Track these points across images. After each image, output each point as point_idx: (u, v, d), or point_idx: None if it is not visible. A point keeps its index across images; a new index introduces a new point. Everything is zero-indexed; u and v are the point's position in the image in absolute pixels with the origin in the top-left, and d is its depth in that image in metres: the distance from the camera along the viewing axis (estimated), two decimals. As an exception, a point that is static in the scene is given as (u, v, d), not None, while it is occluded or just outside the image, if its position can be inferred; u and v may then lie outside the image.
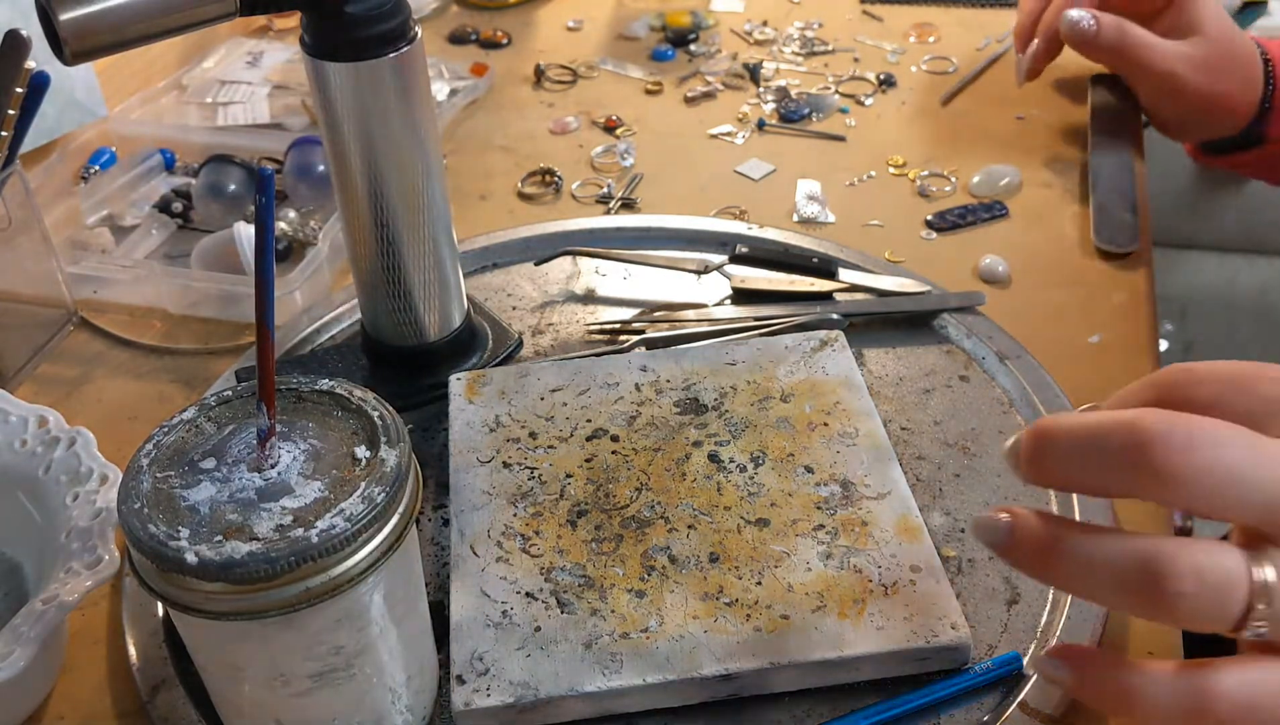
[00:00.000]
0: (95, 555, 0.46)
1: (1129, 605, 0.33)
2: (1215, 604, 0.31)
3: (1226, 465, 0.31)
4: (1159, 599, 0.32)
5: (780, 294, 0.67)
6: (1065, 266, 0.70)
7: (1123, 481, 0.32)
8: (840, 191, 0.79)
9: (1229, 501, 0.31)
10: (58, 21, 0.43)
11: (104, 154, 0.84)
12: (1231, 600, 0.31)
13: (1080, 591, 0.34)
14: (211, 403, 0.42)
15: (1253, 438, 0.32)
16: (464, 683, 0.44)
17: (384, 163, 0.54)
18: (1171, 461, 0.31)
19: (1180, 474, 0.31)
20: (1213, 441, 0.31)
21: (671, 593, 0.47)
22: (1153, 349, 0.64)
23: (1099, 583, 0.33)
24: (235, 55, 1.00)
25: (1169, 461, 0.31)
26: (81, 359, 0.69)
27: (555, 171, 0.83)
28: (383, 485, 0.38)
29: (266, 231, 0.38)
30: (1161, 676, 0.33)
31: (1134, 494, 0.33)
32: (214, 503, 0.38)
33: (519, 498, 0.52)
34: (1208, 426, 0.32)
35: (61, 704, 0.49)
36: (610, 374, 0.58)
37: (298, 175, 0.79)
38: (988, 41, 0.97)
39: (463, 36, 1.05)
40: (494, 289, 0.71)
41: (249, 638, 0.38)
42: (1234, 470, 0.31)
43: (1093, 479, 0.33)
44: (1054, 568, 0.34)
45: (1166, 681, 0.33)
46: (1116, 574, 0.32)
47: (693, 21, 1.02)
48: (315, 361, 0.65)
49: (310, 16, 0.51)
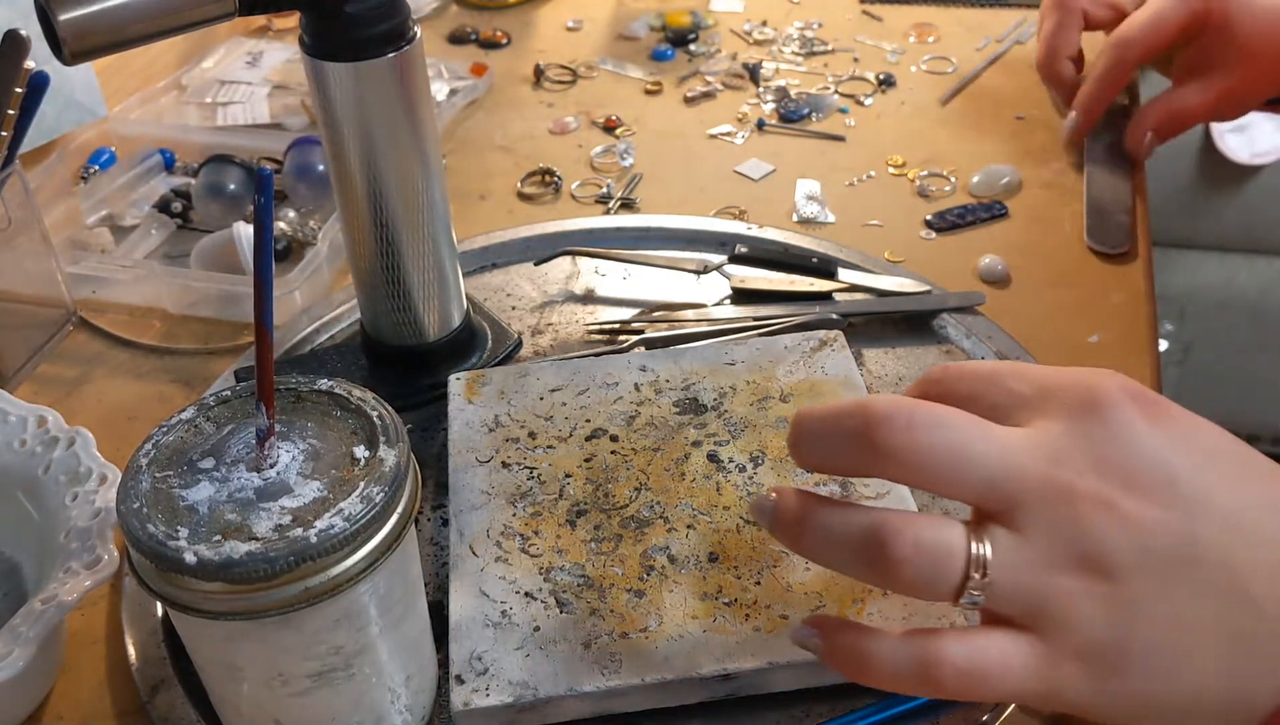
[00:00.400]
0: (94, 555, 0.46)
1: (861, 572, 0.36)
2: (933, 572, 0.34)
3: (945, 445, 0.34)
4: (883, 565, 0.35)
5: (780, 294, 0.67)
6: (1065, 266, 0.70)
7: (857, 459, 0.36)
8: (840, 191, 0.79)
9: (947, 478, 0.34)
10: (57, 21, 0.43)
11: (103, 154, 0.84)
12: (948, 570, 0.34)
13: (824, 560, 0.37)
14: (210, 402, 0.42)
15: (979, 423, 0.35)
16: (463, 682, 0.44)
17: (383, 163, 0.54)
18: (893, 440, 0.34)
19: (900, 451, 0.34)
20: (932, 422, 0.34)
21: (670, 592, 0.47)
22: (1152, 349, 0.64)
23: (837, 551, 0.36)
24: (235, 55, 1.00)
25: (890, 440, 0.35)
26: (81, 359, 0.69)
27: (555, 171, 0.83)
28: (382, 485, 0.38)
29: (265, 231, 0.38)
30: (894, 641, 0.35)
31: (868, 471, 0.36)
32: (213, 502, 0.38)
33: (518, 498, 0.52)
34: (930, 409, 0.35)
35: (61, 704, 0.49)
36: (609, 374, 0.58)
37: (297, 175, 0.79)
38: (987, 41, 0.97)
39: (462, 36, 1.05)
40: (493, 289, 0.71)
41: (248, 637, 0.38)
42: (952, 449, 0.34)
43: (835, 459, 0.37)
44: (803, 539, 0.37)
45: (898, 646, 0.35)
46: (850, 543, 0.35)
47: (692, 21, 1.02)
48: (314, 361, 0.65)
49: (309, 16, 0.51)
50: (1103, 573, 0.34)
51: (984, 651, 0.35)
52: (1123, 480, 0.34)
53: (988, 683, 0.34)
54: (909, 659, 0.35)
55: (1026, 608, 0.34)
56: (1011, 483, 0.34)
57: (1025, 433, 0.35)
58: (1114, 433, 0.34)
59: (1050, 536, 0.34)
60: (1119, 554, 0.33)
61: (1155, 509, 0.34)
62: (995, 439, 0.35)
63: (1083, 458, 0.34)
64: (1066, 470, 0.34)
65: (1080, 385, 0.36)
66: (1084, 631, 0.34)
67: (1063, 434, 0.35)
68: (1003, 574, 0.34)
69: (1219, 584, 0.33)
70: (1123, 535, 0.33)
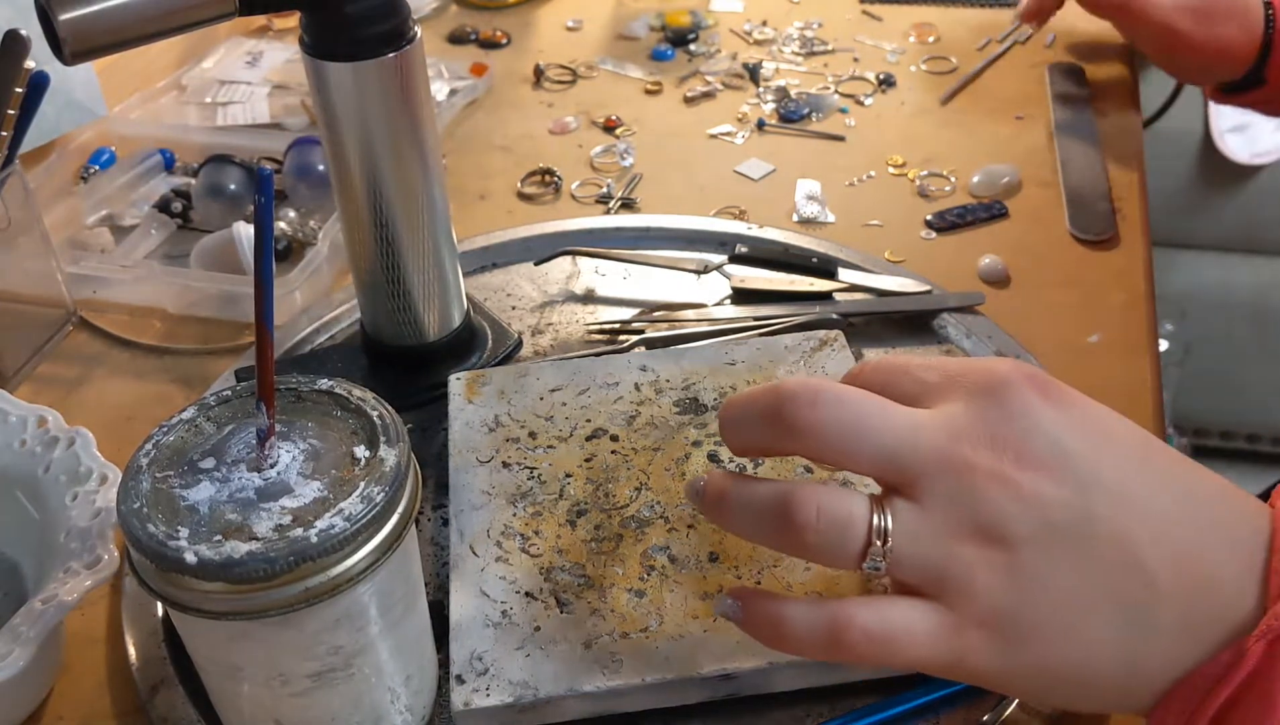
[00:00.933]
0: (94, 555, 0.46)
1: (772, 540, 0.38)
2: (836, 539, 0.36)
3: (848, 420, 0.37)
4: (788, 532, 0.37)
5: (780, 294, 0.67)
6: (1064, 266, 0.70)
7: (771, 436, 0.38)
8: (840, 191, 0.79)
9: (849, 452, 0.37)
10: (57, 21, 0.43)
11: (103, 154, 0.84)
12: (850, 537, 0.36)
13: (742, 531, 0.40)
14: (211, 402, 0.42)
15: (881, 402, 0.37)
16: (463, 682, 0.44)
17: (383, 162, 0.54)
18: (800, 415, 0.37)
19: (803, 426, 0.37)
20: (835, 401, 0.37)
21: (671, 592, 0.47)
22: (1152, 348, 0.64)
23: (751, 521, 0.38)
24: (235, 55, 1.00)
25: (797, 415, 0.37)
26: (81, 359, 0.69)
27: (555, 171, 0.83)
28: (382, 485, 0.38)
29: (265, 231, 0.38)
30: (805, 608, 0.37)
31: (782, 447, 0.38)
32: (213, 502, 0.38)
33: (518, 497, 0.52)
34: (834, 388, 0.37)
35: (61, 704, 0.49)
36: (610, 374, 0.58)
37: (297, 175, 0.79)
38: (987, 41, 0.97)
39: (462, 36, 1.05)
40: (493, 289, 0.71)
41: (248, 637, 0.38)
42: (855, 424, 0.37)
43: (755, 438, 0.39)
44: (725, 513, 0.39)
45: (809, 612, 0.37)
46: (762, 512, 0.38)
47: (692, 21, 1.02)
48: (315, 361, 0.65)
49: (310, 16, 0.51)
50: (999, 542, 0.35)
51: (891, 618, 0.36)
52: (1016, 455, 0.36)
53: (894, 647, 0.36)
54: (820, 623, 0.37)
55: (928, 575, 0.36)
56: (909, 456, 0.36)
57: (927, 412, 0.37)
58: (1010, 412, 0.36)
59: (948, 507, 0.36)
60: (1014, 524, 0.35)
61: (1049, 483, 0.35)
62: (895, 416, 0.37)
63: (979, 434, 0.36)
64: (963, 445, 0.36)
65: (982, 371, 0.38)
66: (984, 599, 0.35)
67: (962, 413, 0.37)
68: (903, 542, 0.36)
69: (1112, 557, 0.35)
70: (1018, 507, 0.35)
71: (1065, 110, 0.85)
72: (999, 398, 0.37)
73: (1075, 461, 0.35)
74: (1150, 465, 0.36)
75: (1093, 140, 0.81)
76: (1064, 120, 0.84)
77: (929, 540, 0.36)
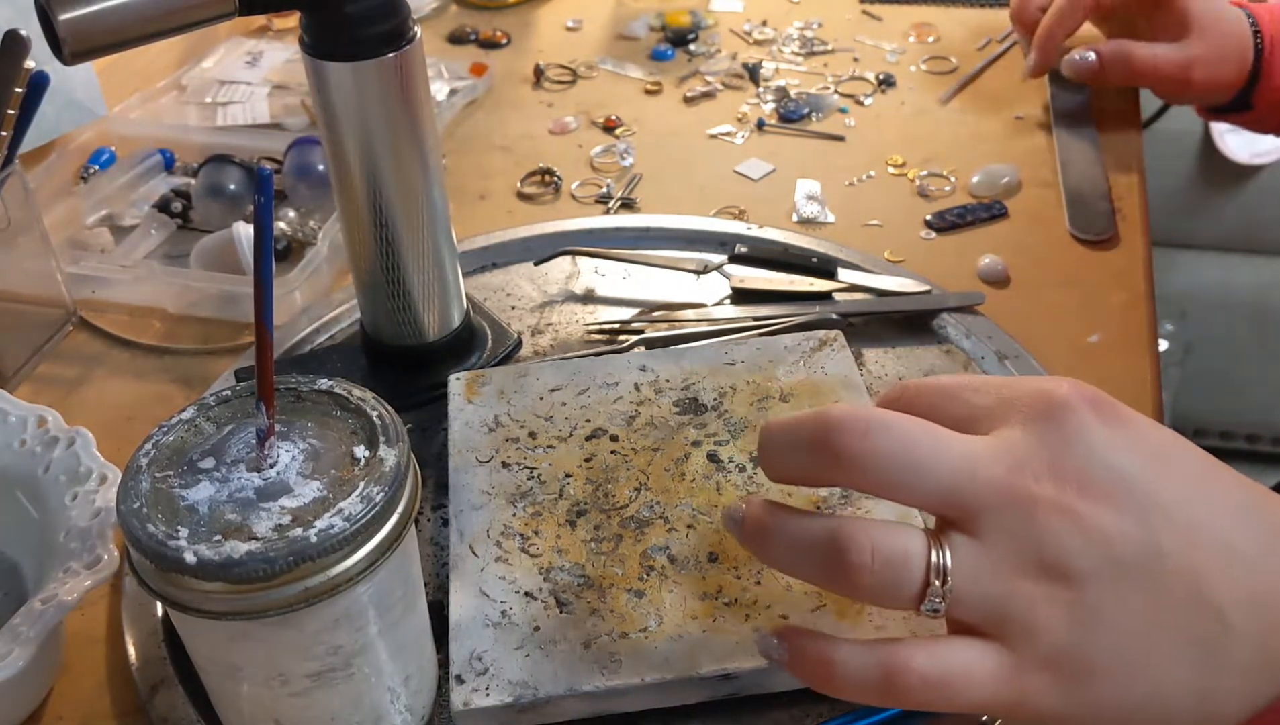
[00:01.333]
0: (94, 555, 0.46)
1: (823, 581, 0.36)
2: (892, 578, 0.34)
3: (901, 451, 0.34)
4: (842, 573, 0.35)
5: (779, 294, 0.67)
6: (1064, 266, 0.70)
7: (818, 467, 0.36)
8: (840, 191, 0.79)
9: (905, 484, 0.34)
10: (57, 21, 0.43)
11: (103, 154, 0.84)
12: (908, 577, 0.34)
13: (789, 569, 0.38)
14: (210, 402, 0.42)
15: (936, 431, 0.35)
16: (463, 682, 0.44)
17: (383, 163, 0.54)
18: (850, 446, 0.35)
19: (858, 458, 0.35)
20: (885, 429, 0.35)
21: (670, 592, 0.47)
22: (1152, 348, 0.64)
23: (798, 558, 0.36)
24: (235, 55, 1.00)
25: (848, 446, 0.35)
26: (81, 359, 0.69)
27: (554, 171, 0.83)
28: (381, 485, 0.38)
29: (265, 231, 0.38)
30: (858, 650, 0.35)
31: (830, 479, 0.36)
32: (213, 502, 0.38)
33: (518, 497, 0.52)
34: (885, 417, 0.35)
35: (60, 704, 0.49)
36: (609, 374, 0.58)
37: (297, 175, 0.79)
38: (987, 41, 0.97)
39: (462, 36, 1.05)
40: (493, 289, 0.71)
41: (248, 637, 0.38)
42: (909, 455, 0.34)
43: (799, 468, 0.37)
44: (768, 547, 0.37)
45: (861, 655, 0.35)
46: (810, 550, 0.35)
47: (692, 21, 1.02)
48: (314, 361, 0.65)
49: (310, 16, 0.51)
50: (1064, 578, 0.33)
51: (949, 660, 0.34)
52: (1079, 485, 0.34)
53: (953, 692, 0.34)
54: (874, 668, 0.35)
55: (989, 614, 0.34)
56: (969, 489, 0.34)
57: (983, 440, 0.36)
58: (1070, 437, 0.35)
59: (1009, 543, 0.34)
60: (1079, 559, 0.33)
61: (1112, 514, 0.34)
62: (952, 446, 0.35)
63: (1040, 463, 0.34)
64: (1024, 476, 0.34)
65: (1037, 392, 0.36)
66: (1048, 638, 0.34)
67: (1020, 440, 0.35)
68: (963, 580, 0.34)
69: (1181, 592, 0.33)
70: (1083, 541, 0.33)
71: (1065, 110, 0.85)
72: (1058, 422, 0.35)
73: (1137, 489, 0.34)
74: (1215, 488, 0.35)
75: (1092, 140, 0.81)
76: (1064, 120, 0.84)
77: (990, 578, 0.34)
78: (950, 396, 0.38)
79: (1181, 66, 0.78)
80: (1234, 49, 0.78)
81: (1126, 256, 0.70)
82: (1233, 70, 0.78)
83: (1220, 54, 0.78)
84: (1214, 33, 0.77)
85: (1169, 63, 0.78)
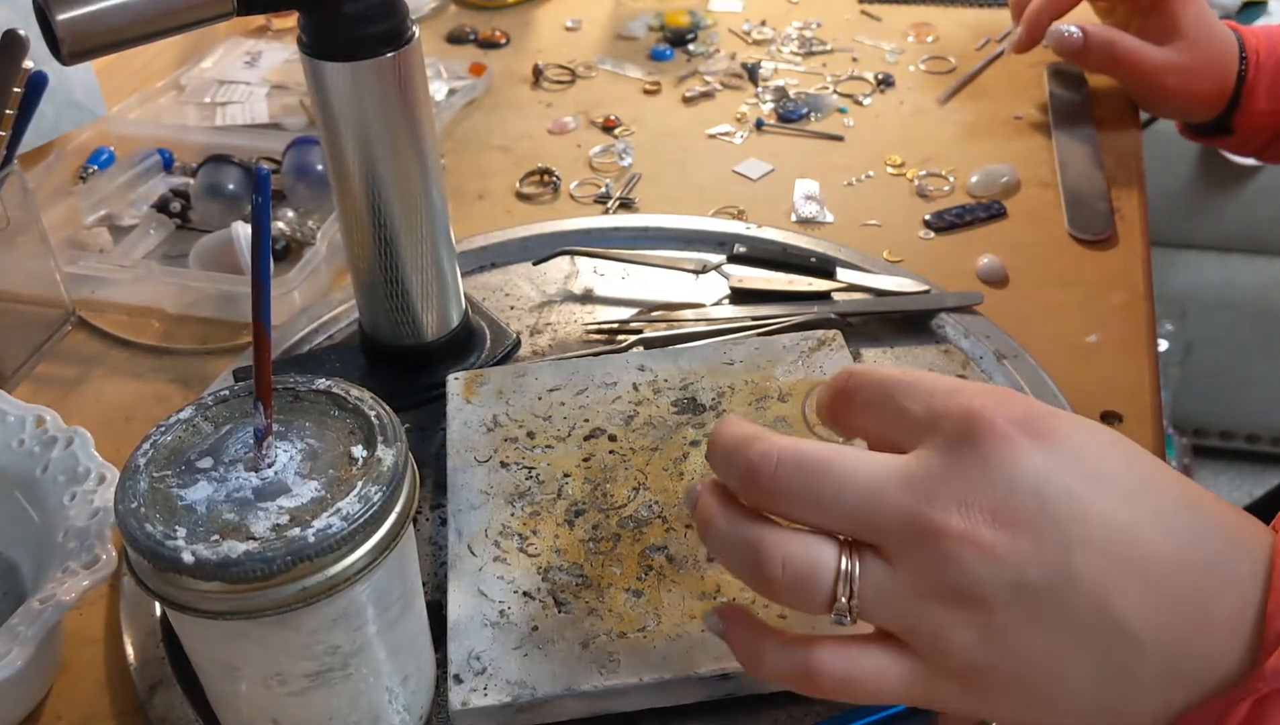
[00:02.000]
0: (92, 555, 0.46)
1: (744, 580, 0.37)
2: (801, 590, 0.35)
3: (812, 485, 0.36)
4: (757, 579, 0.36)
5: (778, 294, 0.67)
6: (1063, 266, 0.70)
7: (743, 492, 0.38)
8: (838, 191, 0.79)
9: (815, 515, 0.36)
10: (55, 21, 0.43)
11: (102, 154, 0.84)
12: (816, 588, 0.35)
13: (721, 561, 0.39)
14: (209, 402, 0.42)
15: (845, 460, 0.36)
16: (461, 682, 0.44)
17: (382, 163, 0.54)
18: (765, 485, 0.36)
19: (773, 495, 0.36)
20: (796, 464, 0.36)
21: (669, 592, 0.47)
22: (1151, 348, 0.64)
23: (726, 556, 0.38)
24: (233, 55, 1.00)
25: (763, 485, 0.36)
26: (79, 359, 0.69)
27: (553, 171, 0.83)
28: (380, 485, 0.38)
29: (263, 231, 0.38)
30: (779, 645, 0.37)
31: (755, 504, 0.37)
32: (211, 502, 0.38)
33: (516, 497, 0.52)
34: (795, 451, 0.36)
35: (59, 704, 0.49)
36: (608, 374, 0.58)
37: (296, 175, 0.79)
38: (986, 41, 0.97)
39: (461, 36, 1.05)
40: (492, 289, 0.71)
41: (246, 637, 0.38)
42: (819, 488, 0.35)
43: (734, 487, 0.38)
44: (707, 538, 0.39)
45: (783, 652, 0.37)
46: (735, 551, 0.37)
47: (691, 21, 1.02)
48: (313, 361, 0.65)
49: (308, 16, 0.51)
50: (972, 604, 0.34)
51: (861, 665, 0.36)
52: (993, 514, 0.34)
53: (865, 691, 0.36)
54: (793, 664, 0.36)
55: (899, 628, 0.35)
56: (877, 518, 0.35)
57: (896, 464, 0.36)
58: (989, 465, 0.34)
59: (917, 571, 0.34)
60: (987, 586, 0.33)
61: (1027, 542, 0.33)
62: (860, 472, 0.35)
63: (950, 493, 0.34)
64: (933, 508, 0.34)
65: (963, 413, 0.35)
66: (958, 656, 0.34)
67: (935, 466, 0.35)
68: (871, 597, 0.35)
69: (1091, 616, 0.33)
70: (991, 569, 0.33)
71: (1064, 110, 0.86)
72: (979, 448, 0.34)
73: (1060, 514, 0.33)
74: (1147, 504, 0.34)
75: (1091, 140, 0.82)
76: (1063, 120, 0.84)
77: (899, 599, 0.35)
78: (885, 396, 0.38)
79: (1159, 69, 0.79)
80: (1214, 66, 0.79)
81: (1125, 256, 0.70)
82: (1209, 86, 0.79)
83: (1200, 67, 0.79)
84: (1199, 45, 0.79)
85: (1149, 61, 0.79)
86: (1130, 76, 0.82)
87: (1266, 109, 0.78)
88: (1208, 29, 0.79)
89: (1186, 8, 0.79)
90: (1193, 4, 0.79)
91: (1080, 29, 0.80)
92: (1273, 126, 0.80)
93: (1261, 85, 0.78)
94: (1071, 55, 0.81)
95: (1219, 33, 0.79)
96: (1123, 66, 0.80)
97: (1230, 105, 0.79)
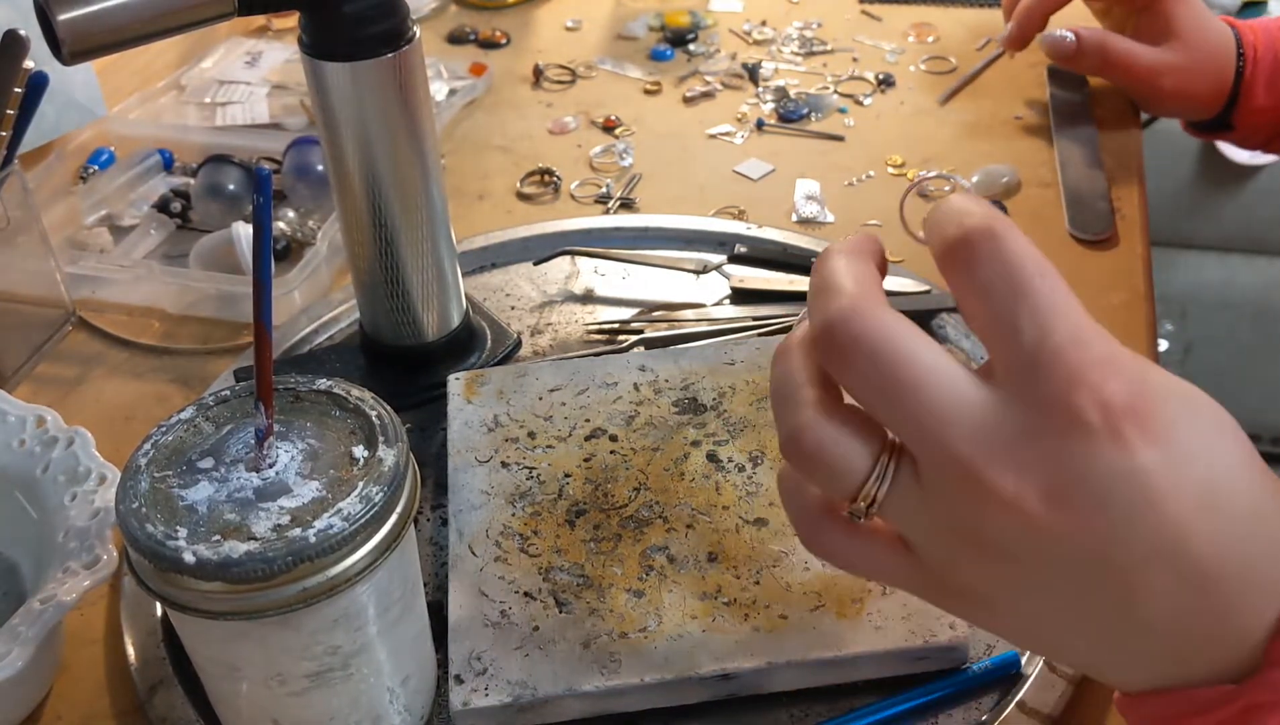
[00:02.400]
0: (93, 555, 0.46)
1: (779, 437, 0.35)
2: (823, 474, 0.34)
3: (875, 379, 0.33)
4: (790, 449, 0.35)
5: (779, 294, 0.67)
6: (1063, 266, 0.70)
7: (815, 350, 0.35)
8: (839, 191, 0.79)
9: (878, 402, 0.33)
10: (56, 21, 0.43)
11: (103, 154, 0.84)
12: (839, 484, 0.34)
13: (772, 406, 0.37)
14: (209, 402, 0.42)
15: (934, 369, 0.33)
16: (462, 682, 0.44)
17: (382, 163, 0.54)
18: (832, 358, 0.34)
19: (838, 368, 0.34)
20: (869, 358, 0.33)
21: (670, 592, 0.47)
22: (1152, 349, 0.64)
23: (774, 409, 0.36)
24: (234, 55, 1.00)
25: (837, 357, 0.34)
26: (80, 359, 0.69)
27: (554, 171, 0.83)
28: (380, 485, 0.38)
29: (264, 231, 0.38)
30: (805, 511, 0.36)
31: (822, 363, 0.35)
32: (212, 502, 0.38)
33: (517, 497, 0.52)
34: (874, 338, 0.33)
35: (59, 704, 0.49)
36: (609, 374, 0.58)
37: (296, 175, 0.79)
38: (986, 41, 0.97)
39: (461, 36, 1.05)
40: (492, 289, 0.71)
41: (246, 637, 0.38)
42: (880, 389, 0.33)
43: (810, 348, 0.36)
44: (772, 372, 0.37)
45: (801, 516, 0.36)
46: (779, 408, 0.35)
47: (691, 21, 1.02)
48: (313, 361, 0.65)
49: (309, 16, 0.51)
50: (994, 556, 0.33)
51: (867, 557, 0.36)
52: (1047, 492, 0.32)
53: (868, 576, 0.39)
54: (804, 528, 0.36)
55: (914, 541, 0.35)
56: (932, 450, 0.33)
57: (979, 405, 0.33)
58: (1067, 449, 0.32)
59: (949, 511, 0.33)
60: (1013, 548, 0.32)
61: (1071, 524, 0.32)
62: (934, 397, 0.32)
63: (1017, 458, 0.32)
64: (991, 467, 0.32)
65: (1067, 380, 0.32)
66: (964, 583, 0.34)
67: (1012, 426, 0.32)
68: (892, 507, 0.34)
69: (1113, 600, 0.32)
70: (1023, 536, 0.32)
71: (1064, 110, 0.86)
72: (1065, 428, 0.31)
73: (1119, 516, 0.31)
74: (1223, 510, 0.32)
75: (1091, 140, 0.82)
76: (1063, 120, 0.84)
77: (920, 520, 0.34)
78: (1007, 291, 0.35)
79: (1153, 70, 0.79)
80: (1211, 65, 0.79)
81: (1126, 256, 0.70)
82: (1206, 85, 0.79)
83: (1195, 66, 0.79)
84: (1195, 45, 0.79)
85: (1142, 63, 0.79)
86: (1125, 79, 0.82)
87: (1266, 104, 0.78)
88: (1203, 27, 0.79)
89: (1180, 7, 0.79)
90: (1187, 3, 0.79)
91: (1073, 32, 0.80)
92: (1274, 122, 0.80)
93: (1260, 81, 0.78)
94: (1065, 59, 0.80)
95: (1215, 30, 0.79)
96: (1116, 69, 0.80)
97: (1230, 102, 0.79)
